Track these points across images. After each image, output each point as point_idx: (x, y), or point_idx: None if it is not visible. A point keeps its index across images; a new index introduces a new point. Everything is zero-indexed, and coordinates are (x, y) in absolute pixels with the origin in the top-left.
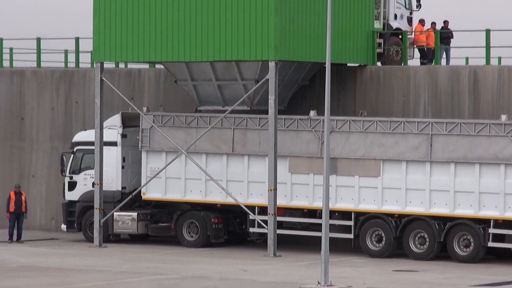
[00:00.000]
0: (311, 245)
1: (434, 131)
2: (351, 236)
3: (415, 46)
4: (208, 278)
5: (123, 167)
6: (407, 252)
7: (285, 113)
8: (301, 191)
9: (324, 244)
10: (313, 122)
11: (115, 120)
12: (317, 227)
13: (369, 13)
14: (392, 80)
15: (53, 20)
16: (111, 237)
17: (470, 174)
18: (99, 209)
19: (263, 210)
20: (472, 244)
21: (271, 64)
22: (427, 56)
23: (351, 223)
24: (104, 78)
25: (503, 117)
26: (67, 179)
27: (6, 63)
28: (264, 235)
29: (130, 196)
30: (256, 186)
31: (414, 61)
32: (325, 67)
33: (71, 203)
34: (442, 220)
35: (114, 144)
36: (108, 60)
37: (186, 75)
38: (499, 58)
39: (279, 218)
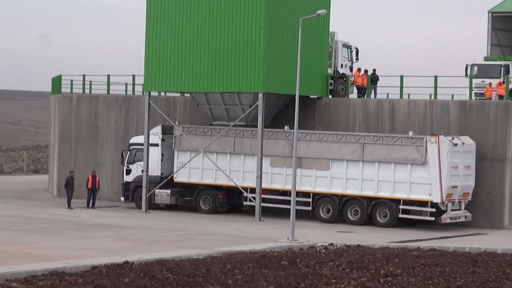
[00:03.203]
0: (284, 214)
1: (365, 141)
2: (309, 208)
3: (354, 85)
4: (215, 234)
5: (162, 160)
6: (346, 220)
7: (269, 127)
8: (278, 178)
9: (292, 213)
10: (286, 133)
11: (157, 129)
12: (288, 202)
13: (325, 63)
14: (338, 107)
15: (119, 62)
16: (153, 206)
17: (388, 170)
18: (145, 187)
19: (252, 190)
20: (388, 215)
21: (260, 95)
22: (362, 92)
23: (310, 200)
24: (150, 102)
25: (410, 133)
26: (125, 167)
27: (87, 91)
28: (253, 207)
29: (166, 179)
30: (249, 175)
31: (354, 95)
32: (295, 97)
33: (127, 183)
34: (369, 199)
35: (156, 145)
36: (154, 90)
37: (204, 101)
38: (409, 95)
39: (263, 196)
